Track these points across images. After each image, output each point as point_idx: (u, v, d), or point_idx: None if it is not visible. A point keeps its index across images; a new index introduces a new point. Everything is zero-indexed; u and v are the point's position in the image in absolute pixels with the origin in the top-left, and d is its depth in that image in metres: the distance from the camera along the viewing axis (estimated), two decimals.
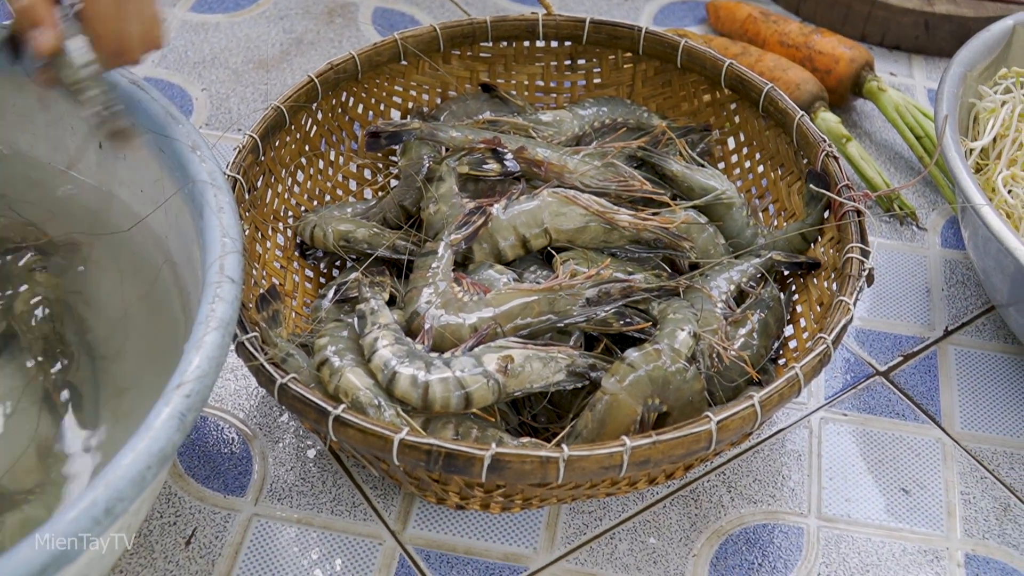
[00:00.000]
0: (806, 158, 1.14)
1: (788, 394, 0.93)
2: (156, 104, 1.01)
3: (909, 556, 1.05)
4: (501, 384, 0.95)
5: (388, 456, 0.88)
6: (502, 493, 0.97)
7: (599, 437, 0.96)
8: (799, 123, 1.14)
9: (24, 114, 1.11)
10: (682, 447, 0.89)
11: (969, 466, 1.11)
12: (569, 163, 1.13)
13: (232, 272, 0.89)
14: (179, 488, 1.06)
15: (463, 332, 1.00)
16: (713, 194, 1.14)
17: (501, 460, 0.87)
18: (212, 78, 1.48)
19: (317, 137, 1.21)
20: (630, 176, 1.12)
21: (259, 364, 0.94)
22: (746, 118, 1.22)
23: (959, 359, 1.21)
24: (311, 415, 0.91)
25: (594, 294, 1.01)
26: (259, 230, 1.12)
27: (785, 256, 1.12)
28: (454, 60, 1.27)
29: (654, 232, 1.09)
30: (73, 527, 0.73)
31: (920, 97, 1.51)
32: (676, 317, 1.03)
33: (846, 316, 0.98)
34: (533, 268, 1.10)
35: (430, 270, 1.04)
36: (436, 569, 1.02)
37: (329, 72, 1.18)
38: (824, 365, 0.96)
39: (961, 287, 1.27)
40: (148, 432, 0.78)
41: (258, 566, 1.01)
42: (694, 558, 1.04)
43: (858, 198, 1.07)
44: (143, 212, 1.07)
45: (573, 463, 0.87)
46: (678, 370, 0.98)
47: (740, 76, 1.19)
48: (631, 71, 1.28)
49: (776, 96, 1.16)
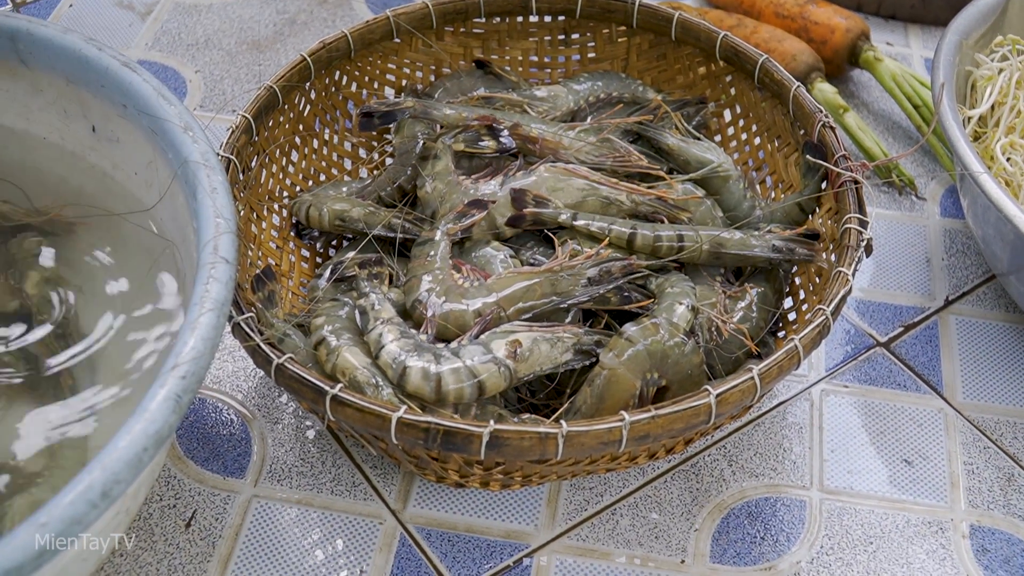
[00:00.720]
0: (803, 129, 1.13)
1: (787, 366, 0.93)
2: (147, 85, 1.00)
3: (913, 528, 1.04)
4: (512, 369, 0.95)
5: (386, 435, 0.88)
6: (501, 471, 0.97)
7: (598, 412, 0.96)
8: (795, 94, 1.13)
9: (17, 98, 1.10)
10: (681, 421, 0.89)
11: (972, 436, 1.11)
12: (564, 139, 1.12)
13: (226, 252, 0.88)
14: (178, 471, 1.06)
15: (466, 318, 0.99)
16: (709, 167, 1.13)
17: (500, 437, 0.86)
18: (205, 60, 1.48)
19: (311, 116, 1.20)
20: (626, 151, 1.12)
21: (255, 344, 0.94)
22: (742, 90, 1.21)
23: (960, 329, 1.20)
24: (308, 395, 0.90)
25: (595, 273, 1.01)
26: (254, 211, 1.12)
27: (783, 227, 1.11)
28: (447, 37, 1.26)
29: (651, 205, 1.08)
30: (70, 511, 0.73)
31: (917, 67, 1.51)
32: (674, 291, 1.03)
33: (845, 287, 0.97)
34: (530, 244, 1.09)
35: (428, 258, 1.03)
36: (437, 547, 1.01)
37: (322, 51, 1.17)
38: (823, 337, 0.95)
39: (961, 256, 1.27)
40: (144, 414, 0.77)
41: (259, 547, 1.01)
42: (696, 532, 1.03)
43: (855, 168, 1.06)
44: (138, 194, 1.06)
45: (572, 439, 0.87)
46: (676, 344, 0.97)
47: (735, 48, 1.18)
48: (625, 45, 1.27)
49: (771, 67, 1.16)
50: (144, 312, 1.03)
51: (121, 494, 0.75)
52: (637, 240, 1.05)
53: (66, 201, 1.10)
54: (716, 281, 1.07)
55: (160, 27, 1.52)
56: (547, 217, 1.06)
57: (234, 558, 1.00)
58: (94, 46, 1.03)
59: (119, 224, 1.07)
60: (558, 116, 1.20)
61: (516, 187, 1.07)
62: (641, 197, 1.08)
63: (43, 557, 0.72)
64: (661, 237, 1.05)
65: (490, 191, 1.08)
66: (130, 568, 0.99)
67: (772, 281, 1.09)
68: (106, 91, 1.03)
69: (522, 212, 1.06)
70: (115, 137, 1.07)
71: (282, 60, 1.47)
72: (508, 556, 1.01)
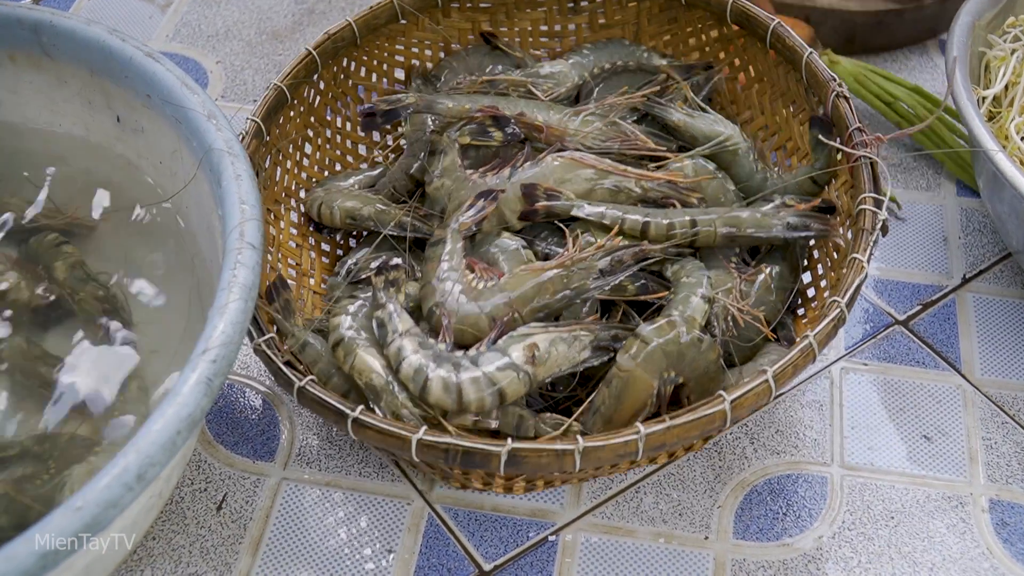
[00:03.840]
0: (816, 96, 1.11)
1: (802, 365, 0.91)
2: (171, 75, 1.01)
3: (933, 503, 1.04)
4: (531, 374, 0.94)
5: (407, 454, 0.88)
6: (524, 479, 0.98)
7: (616, 413, 0.95)
8: (808, 60, 1.10)
9: (41, 90, 1.11)
10: (696, 428, 0.88)
11: (990, 412, 1.11)
12: (570, 125, 1.12)
13: (252, 238, 0.89)
14: (209, 455, 1.06)
15: (481, 322, 0.98)
16: (717, 140, 1.12)
17: (518, 455, 0.86)
18: (226, 50, 1.48)
19: (322, 107, 1.20)
20: (633, 134, 1.11)
21: (277, 367, 0.94)
22: (754, 54, 1.19)
23: (977, 306, 1.20)
24: (330, 416, 0.91)
25: (607, 264, 1.00)
26: (271, 211, 1.11)
27: (798, 199, 1.08)
28: (454, 13, 1.24)
29: (660, 190, 1.08)
30: (106, 494, 0.74)
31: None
32: (689, 281, 1.02)
33: (860, 275, 0.95)
34: (544, 235, 1.08)
35: (441, 260, 1.02)
36: (464, 527, 1.02)
37: (327, 42, 1.15)
38: (839, 329, 0.94)
39: (978, 235, 1.27)
40: (177, 398, 0.78)
41: (289, 529, 1.02)
42: (719, 509, 1.04)
43: (870, 142, 1.04)
44: (163, 183, 1.07)
45: (589, 453, 0.87)
46: (692, 341, 0.96)
47: (746, 11, 1.15)
48: (635, 9, 1.25)
49: (783, 33, 1.13)
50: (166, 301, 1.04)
51: (155, 477, 0.76)
52: (651, 229, 1.04)
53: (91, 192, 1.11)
54: (731, 263, 1.06)
55: (180, 18, 1.53)
56: (559, 209, 1.05)
57: (265, 540, 1.01)
58: (118, 37, 1.04)
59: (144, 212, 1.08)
60: (563, 92, 1.18)
61: (526, 182, 1.06)
62: (650, 183, 1.07)
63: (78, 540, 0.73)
64: (674, 225, 1.04)
65: (497, 183, 1.07)
66: (163, 551, 1.00)
67: (789, 258, 1.08)
68: (130, 81, 1.04)
69: (534, 207, 1.06)
70: (139, 127, 1.07)
71: (301, 49, 1.46)
72: (534, 534, 1.02)
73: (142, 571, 0.99)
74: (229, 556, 1.00)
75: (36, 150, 1.12)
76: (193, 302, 1.02)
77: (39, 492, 0.91)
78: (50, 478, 0.91)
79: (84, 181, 1.11)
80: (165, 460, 0.76)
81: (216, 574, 0.99)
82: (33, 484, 0.91)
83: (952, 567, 1.00)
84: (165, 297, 1.04)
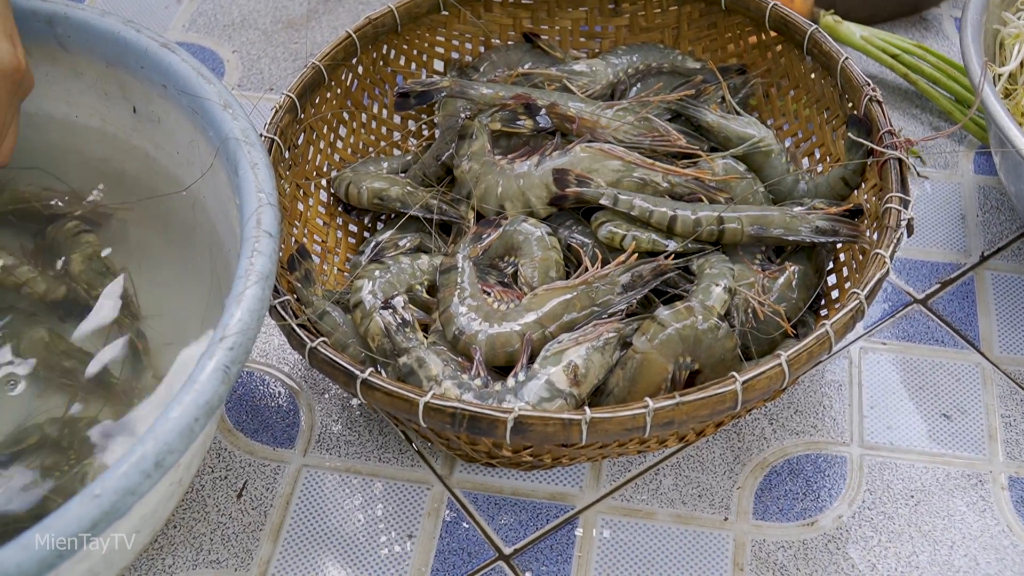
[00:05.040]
0: (851, 102, 1.11)
1: (818, 352, 0.91)
2: (186, 65, 1.00)
3: (953, 481, 1.04)
4: (576, 396, 0.94)
5: (415, 417, 0.88)
6: (530, 453, 0.97)
7: (630, 395, 0.95)
8: (843, 66, 1.10)
9: (57, 82, 1.11)
10: (707, 407, 0.88)
11: (1009, 389, 1.10)
12: (602, 118, 1.11)
13: (269, 226, 0.89)
14: (229, 443, 1.07)
15: (513, 340, 0.97)
16: (750, 142, 1.11)
17: (524, 422, 0.86)
18: (242, 40, 1.48)
19: (359, 91, 1.20)
20: (664, 130, 1.11)
21: (290, 327, 0.94)
22: (791, 60, 1.19)
23: (996, 284, 1.19)
24: (340, 378, 0.91)
25: (628, 279, 1.00)
26: (301, 188, 1.12)
27: (827, 203, 1.08)
28: (496, 8, 1.25)
29: (688, 186, 1.07)
30: (124, 481, 0.74)
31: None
32: (712, 272, 1.02)
33: (881, 270, 0.95)
34: (569, 223, 1.08)
35: (457, 287, 1.02)
36: (484, 511, 1.02)
37: (367, 27, 1.16)
38: (857, 321, 0.93)
39: (996, 213, 1.26)
40: (194, 385, 0.78)
41: (309, 515, 1.02)
42: (739, 490, 1.03)
43: (900, 145, 1.04)
44: (179, 173, 1.07)
45: (596, 424, 0.86)
46: (710, 328, 0.96)
47: (784, 18, 1.15)
48: (676, 13, 1.25)
49: (820, 39, 1.13)
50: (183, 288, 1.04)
51: (173, 464, 0.76)
52: (678, 224, 1.03)
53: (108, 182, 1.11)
54: (756, 260, 1.06)
55: (196, 8, 1.53)
56: (589, 196, 1.05)
57: (285, 526, 1.01)
58: (132, 28, 1.04)
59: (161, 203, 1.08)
60: (598, 90, 1.19)
61: (558, 166, 1.06)
62: (677, 178, 1.07)
63: (97, 528, 0.73)
64: (701, 221, 1.03)
65: (525, 170, 1.08)
66: (184, 539, 1.00)
67: (813, 259, 1.08)
68: (145, 72, 1.04)
69: (564, 192, 1.05)
70: (156, 117, 1.07)
71: (317, 38, 1.47)
72: (554, 517, 1.01)
73: (163, 559, 0.99)
74: (250, 543, 1.00)
75: (53, 141, 1.12)
76: (211, 291, 1.02)
77: (60, 482, 0.91)
78: (70, 468, 0.91)
79: (101, 171, 1.12)
80: (183, 447, 0.76)
81: (237, 561, 0.99)
82: (53, 476, 0.91)
83: (972, 545, 1.00)
84: (181, 287, 1.04)
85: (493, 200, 1.08)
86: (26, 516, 0.88)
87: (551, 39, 1.26)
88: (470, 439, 0.96)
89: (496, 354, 0.97)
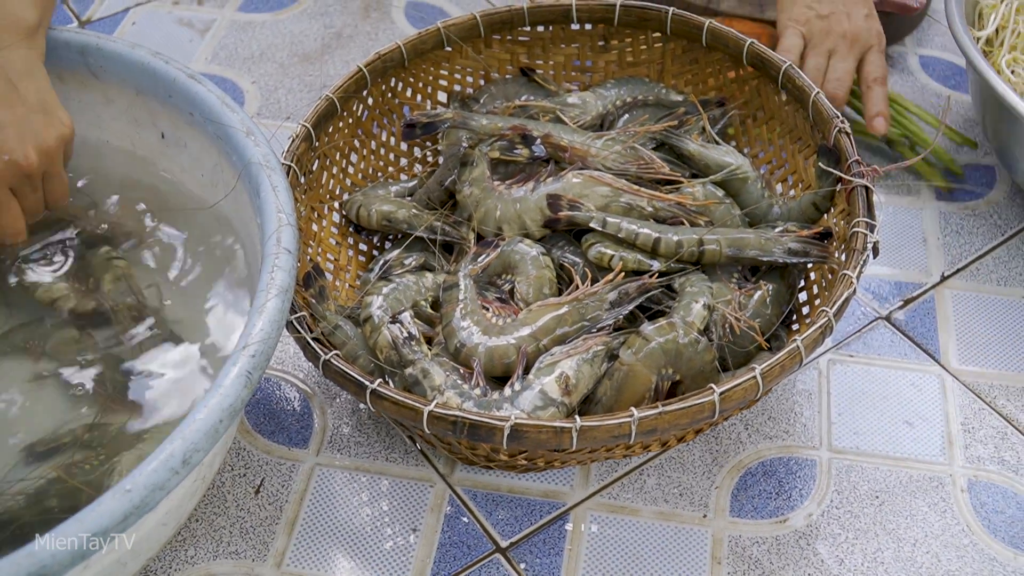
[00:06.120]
0: (821, 132, 1.13)
1: (789, 365, 0.93)
2: (212, 95, 1.02)
3: (915, 483, 1.06)
4: (568, 404, 0.95)
5: (419, 425, 0.90)
6: (525, 457, 0.99)
7: (617, 403, 0.97)
8: (815, 99, 1.12)
9: (89, 108, 1.12)
10: (687, 416, 0.90)
11: (967, 399, 1.12)
12: (592, 147, 1.13)
13: (288, 244, 0.90)
14: (248, 443, 1.08)
15: (510, 351, 0.99)
16: (728, 169, 1.13)
17: (519, 429, 0.88)
18: (261, 72, 1.50)
19: (369, 121, 1.22)
20: (649, 158, 1.13)
21: (305, 340, 0.96)
22: (767, 94, 1.21)
23: (955, 302, 1.21)
24: (351, 388, 0.93)
25: (615, 296, 1.02)
26: (315, 210, 1.14)
27: (799, 226, 1.10)
28: (495, 44, 1.26)
29: (671, 210, 1.09)
30: (153, 477, 0.75)
31: None
32: (692, 290, 1.04)
33: (848, 289, 0.97)
34: (562, 244, 1.10)
35: (459, 303, 1.03)
36: (482, 507, 1.03)
37: (377, 61, 1.18)
38: (826, 337, 0.95)
39: (955, 236, 1.28)
40: (219, 390, 0.80)
41: (321, 509, 1.03)
42: (716, 490, 1.05)
43: (867, 173, 1.05)
44: (205, 195, 1.09)
45: (585, 432, 0.88)
46: (690, 342, 0.97)
47: (761, 55, 1.17)
48: (660, 50, 1.26)
49: (794, 74, 1.15)
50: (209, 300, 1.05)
51: (199, 462, 0.78)
52: (661, 246, 1.05)
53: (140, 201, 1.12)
54: (733, 278, 1.07)
55: (218, 42, 1.54)
56: (580, 220, 1.07)
57: (299, 520, 1.02)
58: (161, 59, 1.06)
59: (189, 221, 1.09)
60: (588, 121, 1.20)
61: (551, 192, 1.08)
62: (661, 203, 1.09)
63: (127, 520, 0.74)
64: (683, 243, 1.05)
65: (521, 195, 1.10)
66: (205, 532, 1.02)
67: (786, 278, 1.09)
68: (173, 101, 1.05)
69: (557, 215, 1.08)
70: (183, 143, 1.09)
71: (330, 71, 1.49)
72: (547, 513, 1.03)
73: (186, 551, 1.00)
74: (267, 535, 1.01)
75: (85, 165, 1.13)
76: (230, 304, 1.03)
77: (89, 477, 0.92)
78: (100, 464, 0.92)
79: (132, 192, 1.13)
80: (208, 446, 0.78)
81: (254, 552, 1.00)
82: (83, 469, 0.92)
83: (934, 543, 1.01)
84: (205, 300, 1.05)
85: (492, 222, 1.10)
86: (60, 509, 0.90)
87: (546, 73, 1.28)
88: (470, 444, 0.98)
89: (494, 365, 0.99)
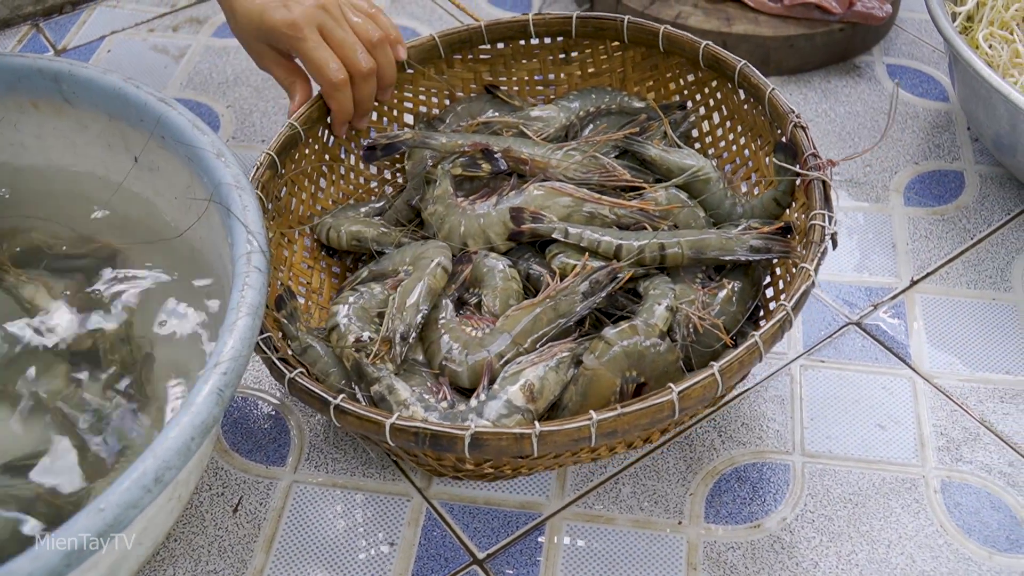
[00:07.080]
0: (779, 128, 1.13)
1: (748, 361, 0.92)
2: (182, 117, 1.02)
3: (889, 485, 1.05)
4: (533, 411, 0.95)
5: (382, 437, 0.90)
6: (491, 465, 0.99)
7: (583, 408, 0.96)
8: (770, 96, 1.12)
9: (64, 135, 1.12)
10: (646, 417, 0.89)
11: (939, 401, 1.12)
12: (553, 159, 1.14)
13: (258, 263, 0.90)
14: (225, 462, 1.08)
15: (492, 364, 0.99)
16: (690, 172, 1.13)
17: (480, 438, 0.88)
18: (236, 96, 1.50)
19: (336, 146, 1.22)
20: (611, 167, 1.13)
21: (272, 361, 0.96)
22: (726, 94, 1.21)
23: (925, 305, 1.21)
24: (316, 404, 0.93)
25: (587, 287, 1.02)
26: (284, 236, 1.13)
27: (761, 223, 1.10)
28: (457, 64, 1.27)
29: (633, 216, 1.09)
30: (126, 496, 0.75)
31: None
32: (655, 293, 1.04)
33: (807, 282, 0.96)
34: (528, 256, 1.10)
35: (440, 321, 1.04)
36: (460, 520, 1.03)
37: None
38: (785, 331, 0.95)
39: (924, 241, 1.28)
40: (191, 407, 0.79)
41: (299, 527, 1.03)
42: (691, 496, 1.05)
43: (823, 166, 1.06)
44: (178, 217, 1.08)
45: (545, 437, 0.88)
46: (652, 344, 0.97)
47: (716, 56, 1.18)
48: (620, 58, 1.27)
49: (749, 72, 1.15)
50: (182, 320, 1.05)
51: (172, 480, 0.77)
52: (623, 252, 1.05)
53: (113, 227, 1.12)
54: (697, 279, 1.07)
55: (193, 68, 1.54)
56: (543, 231, 1.07)
57: (277, 538, 1.02)
58: (132, 84, 1.05)
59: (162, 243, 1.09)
60: (552, 133, 1.20)
61: (514, 205, 1.08)
62: (623, 210, 1.09)
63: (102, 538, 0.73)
64: (644, 248, 1.05)
65: (484, 210, 1.10)
66: (184, 551, 1.01)
67: (750, 275, 1.09)
68: (145, 124, 1.05)
69: (521, 228, 1.08)
70: (155, 166, 1.09)
71: None
72: (523, 524, 1.03)
73: (165, 570, 0.99)
74: (245, 554, 1.01)
75: (60, 190, 1.13)
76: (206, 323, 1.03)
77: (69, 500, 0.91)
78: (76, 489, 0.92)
79: (106, 216, 1.12)
80: (180, 464, 0.77)
81: (233, 571, 1.00)
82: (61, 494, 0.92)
83: (908, 544, 1.01)
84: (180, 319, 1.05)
85: (457, 238, 1.10)
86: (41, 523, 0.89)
87: (510, 89, 1.28)
88: (436, 455, 0.98)
89: (476, 375, 0.99)
